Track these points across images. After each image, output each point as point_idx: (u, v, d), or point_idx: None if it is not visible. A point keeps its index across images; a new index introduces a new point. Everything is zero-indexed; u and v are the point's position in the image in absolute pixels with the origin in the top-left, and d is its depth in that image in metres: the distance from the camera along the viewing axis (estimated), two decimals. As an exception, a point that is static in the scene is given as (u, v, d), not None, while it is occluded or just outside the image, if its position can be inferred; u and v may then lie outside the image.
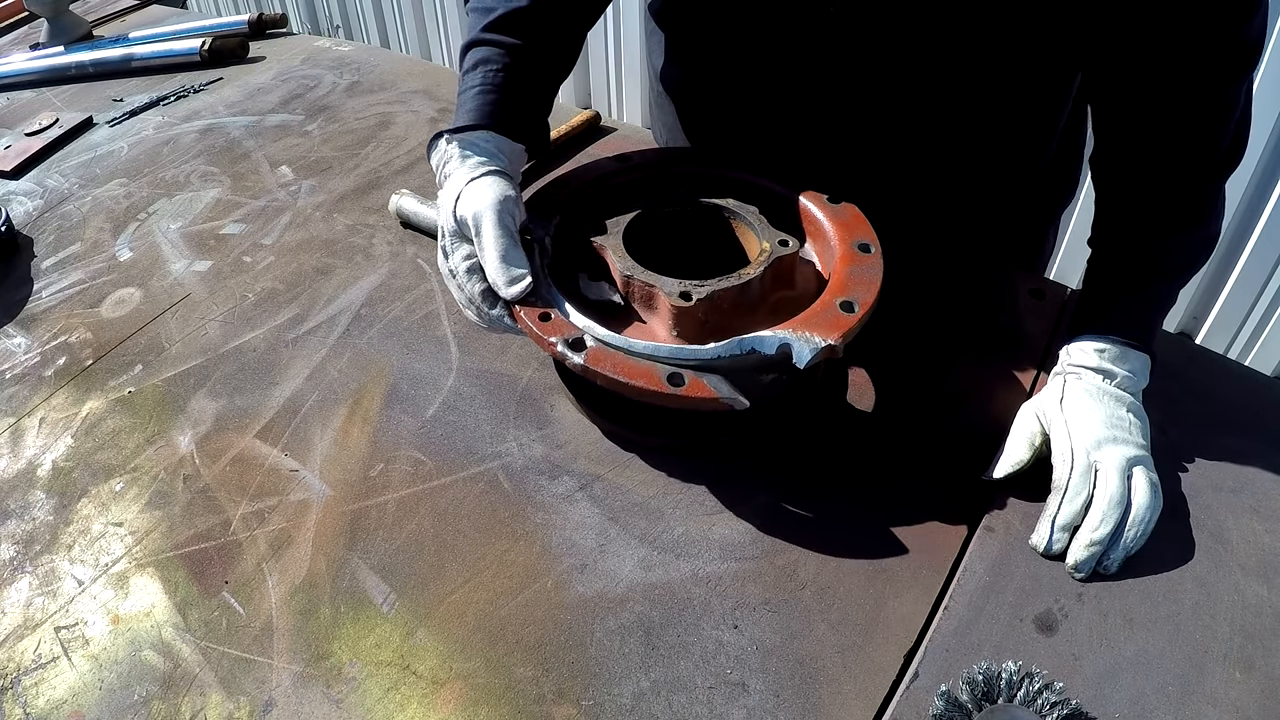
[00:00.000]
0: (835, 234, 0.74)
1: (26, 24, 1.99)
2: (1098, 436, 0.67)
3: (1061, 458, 0.68)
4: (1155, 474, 0.67)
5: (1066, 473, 0.67)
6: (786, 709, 0.58)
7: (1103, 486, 0.65)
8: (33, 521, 0.77)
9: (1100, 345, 0.73)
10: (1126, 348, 0.72)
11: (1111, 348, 0.72)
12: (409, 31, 3.28)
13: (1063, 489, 0.66)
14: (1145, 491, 0.65)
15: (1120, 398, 0.71)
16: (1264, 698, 0.57)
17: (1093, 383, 0.71)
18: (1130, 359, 0.72)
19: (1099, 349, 0.73)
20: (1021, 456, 0.70)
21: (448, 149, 0.74)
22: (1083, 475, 0.66)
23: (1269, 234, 1.76)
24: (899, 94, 0.80)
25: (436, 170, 0.75)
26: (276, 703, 0.61)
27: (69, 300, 1.03)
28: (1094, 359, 0.72)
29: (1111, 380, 0.71)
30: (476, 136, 0.74)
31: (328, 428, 0.82)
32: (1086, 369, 0.72)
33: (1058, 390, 0.72)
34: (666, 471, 0.75)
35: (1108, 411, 0.69)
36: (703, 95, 0.97)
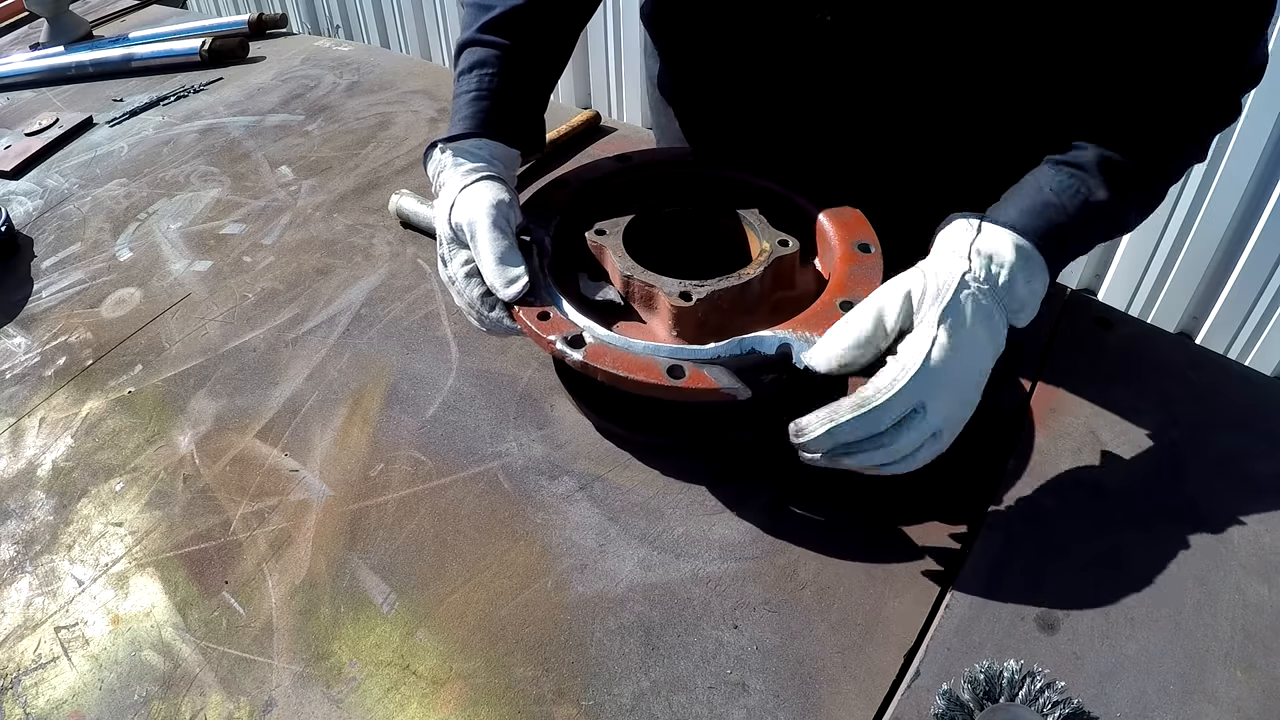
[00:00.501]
0: (835, 234, 0.75)
1: (26, 24, 1.98)
2: (948, 378, 0.58)
3: (895, 374, 0.57)
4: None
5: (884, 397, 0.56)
6: (786, 709, 0.58)
7: (906, 440, 0.57)
8: (33, 521, 0.77)
9: (1023, 243, 0.61)
10: (1044, 268, 0.62)
11: (1034, 257, 0.62)
12: (409, 31, 3.28)
13: (865, 408, 0.56)
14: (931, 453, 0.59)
15: (998, 331, 0.60)
16: (1265, 697, 0.57)
17: (987, 300, 0.60)
18: (1038, 282, 0.62)
19: (1021, 247, 0.61)
20: (853, 359, 0.60)
21: (442, 158, 0.74)
22: (899, 410, 0.57)
23: (1269, 234, 1.76)
24: (892, 99, 0.80)
25: (433, 179, 0.76)
26: (276, 703, 0.61)
27: (69, 300, 1.03)
28: (1009, 255, 0.61)
29: (1011, 297, 0.61)
30: (470, 144, 0.74)
31: (328, 428, 0.81)
32: (995, 270, 0.61)
33: (947, 289, 0.59)
34: (666, 471, 0.75)
35: (981, 350, 0.59)
36: (698, 101, 0.97)
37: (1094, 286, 2.18)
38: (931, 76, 0.77)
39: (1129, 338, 0.85)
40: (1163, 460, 0.72)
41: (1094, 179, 0.65)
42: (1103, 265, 2.13)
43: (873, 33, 0.74)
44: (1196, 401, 0.78)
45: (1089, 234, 0.67)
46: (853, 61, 0.77)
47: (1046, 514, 0.69)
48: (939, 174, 0.86)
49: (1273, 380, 1.10)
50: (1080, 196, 0.64)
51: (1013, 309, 0.62)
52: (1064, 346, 0.83)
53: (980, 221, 0.64)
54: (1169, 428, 0.75)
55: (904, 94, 0.79)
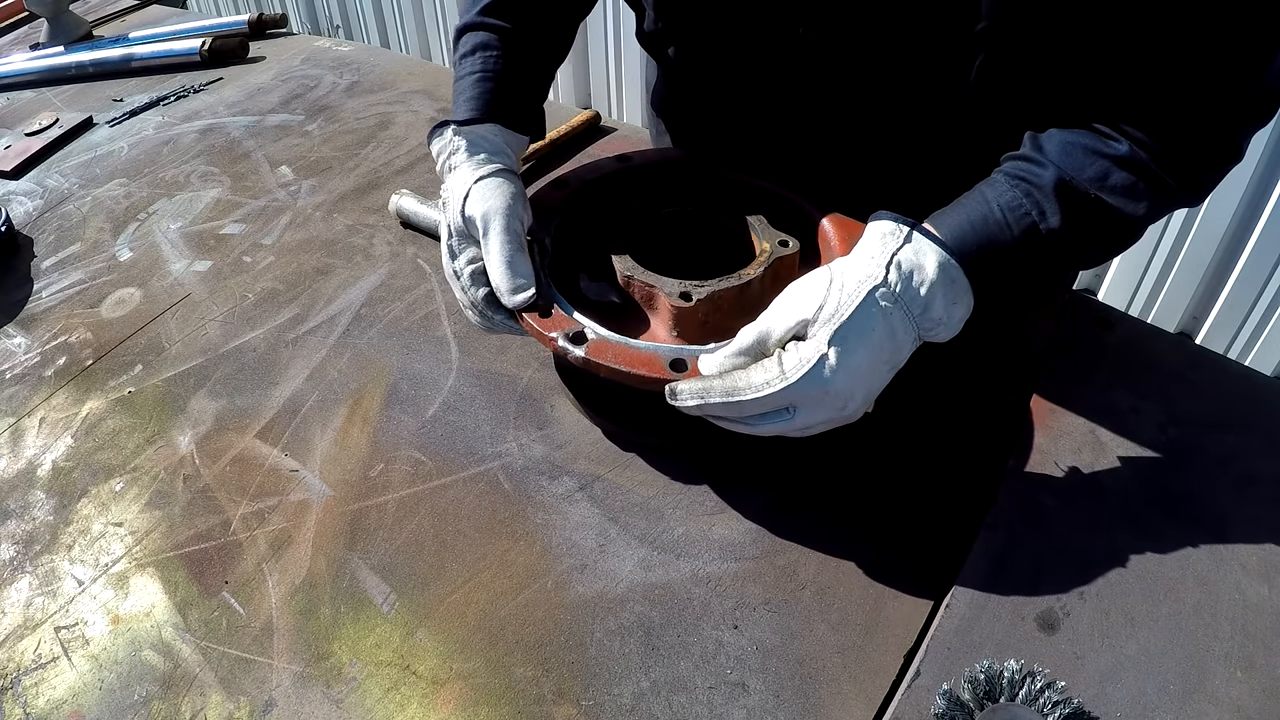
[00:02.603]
0: (835, 235, 0.75)
1: (26, 24, 1.99)
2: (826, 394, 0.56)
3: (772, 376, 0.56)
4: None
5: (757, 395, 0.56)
6: (786, 709, 0.58)
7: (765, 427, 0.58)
8: (33, 521, 0.77)
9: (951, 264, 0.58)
10: (969, 293, 0.58)
11: (960, 280, 0.58)
12: (409, 31, 3.28)
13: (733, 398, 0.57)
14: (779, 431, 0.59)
15: (900, 349, 0.58)
16: (1265, 697, 0.57)
17: (899, 320, 0.57)
18: (961, 306, 0.59)
19: (947, 267, 0.57)
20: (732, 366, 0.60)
21: (455, 140, 0.73)
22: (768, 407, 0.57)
23: (1269, 234, 1.76)
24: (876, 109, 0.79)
25: (439, 160, 0.75)
26: (276, 703, 0.61)
27: (69, 300, 1.03)
28: (931, 273, 0.57)
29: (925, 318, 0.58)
30: (484, 130, 0.74)
31: (328, 428, 0.81)
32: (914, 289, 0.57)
33: (849, 304, 0.56)
34: (666, 471, 0.75)
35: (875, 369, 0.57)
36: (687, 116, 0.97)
37: (1094, 286, 2.18)
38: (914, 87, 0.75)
39: (1129, 338, 0.85)
40: (1163, 460, 0.72)
41: (1049, 203, 0.60)
42: (1103, 265, 2.13)
43: (851, 46, 0.73)
44: (1196, 401, 0.78)
45: (1033, 262, 0.61)
46: (833, 74, 0.76)
47: (1046, 514, 0.69)
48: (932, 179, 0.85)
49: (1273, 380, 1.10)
50: (1028, 220, 0.60)
51: (925, 327, 0.59)
52: (1064, 346, 0.83)
53: (909, 230, 0.59)
54: (1169, 428, 0.75)
55: (887, 104, 0.78)
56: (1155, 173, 0.60)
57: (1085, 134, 0.62)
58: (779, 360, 0.57)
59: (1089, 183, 0.60)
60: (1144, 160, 0.60)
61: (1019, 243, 0.59)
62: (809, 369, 0.56)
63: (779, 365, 0.57)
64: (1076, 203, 0.60)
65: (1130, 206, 0.60)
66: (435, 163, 0.75)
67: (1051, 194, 0.60)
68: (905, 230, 0.60)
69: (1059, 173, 0.60)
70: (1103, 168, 0.60)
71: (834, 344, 0.56)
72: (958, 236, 0.60)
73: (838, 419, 0.59)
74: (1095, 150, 0.61)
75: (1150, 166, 0.60)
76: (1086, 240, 0.62)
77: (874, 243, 0.60)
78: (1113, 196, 0.60)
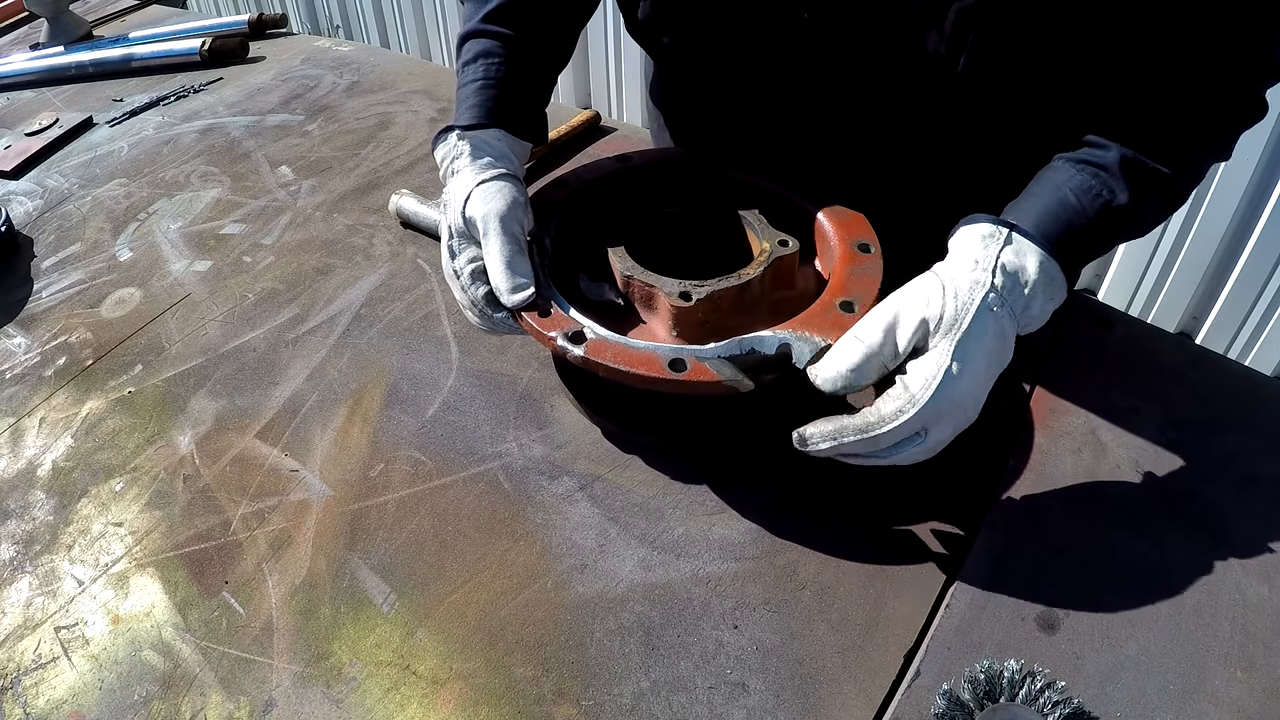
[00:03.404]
0: (835, 234, 0.74)
1: (26, 24, 1.99)
2: (954, 408, 0.57)
3: (902, 403, 0.57)
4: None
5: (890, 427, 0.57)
6: (786, 709, 0.58)
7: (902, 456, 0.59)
8: (33, 521, 0.77)
9: (1045, 260, 0.60)
10: (1064, 281, 0.62)
11: (1057, 275, 0.61)
12: (409, 31, 3.28)
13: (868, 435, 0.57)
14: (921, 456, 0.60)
15: (1008, 348, 0.60)
16: (1265, 697, 0.57)
17: (1006, 321, 0.59)
18: (1058, 295, 0.62)
19: (1045, 265, 0.60)
20: (859, 380, 0.59)
21: (458, 145, 0.73)
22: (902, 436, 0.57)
23: (1269, 234, 1.76)
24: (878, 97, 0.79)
25: (442, 164, 0.75)
26: (276, 703, 0.61)
27: (69, 300, 1.03)
28: (1033, 276, 0.60)
29: (1028, 317, 0.60)
30: (487, 135, 0.74)
31: (328, 428, 0.81)
32: (1019, 290, 0.60)
33: (966, 310, 0.58)
34: (666, 471, 0.75)
35: (991, 371, 0.59)
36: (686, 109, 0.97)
37: (1094, 286, 2.18)
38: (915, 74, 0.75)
39: (1129, 338, 0.85)
40: (1163, 460, 0.72)
41: (1117, 181, 0.63)
42: (1103, 265, 2.13)
43: (851, 30, 0.73)
44: (1196, 401, 0.78)
45: (1108, 238, 0.65)
46: (834, 59, 0.76)
47: (1046, 513, 0.69)
48: (934, 171, 0.85)
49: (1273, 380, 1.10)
50: (1102, 200, 0.62)
51: (1024, 323, 0.61)
52: (1064, 346, 0.83)
53: (1009, 230, 0.62)
54: (1169, 428, 0.75)
55: (889, 91, 0.78)
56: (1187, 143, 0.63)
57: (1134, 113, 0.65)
58: (904, 385, 0.58)
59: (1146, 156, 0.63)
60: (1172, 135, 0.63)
61: (1095, 223, 0.63)
62: (937, 385, 0.57)
63: (905, 390, 0.58)
64: (1140, 176, 0.63)
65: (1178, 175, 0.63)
66: (439, 168, 0.75)
67: (1119, 172, 0.63)
68: (1005, 231, 0.62)
69: (1121, 151, 0.63)
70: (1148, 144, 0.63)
71: (955, 356, 0.57)
72: (1045, 230, 0.62)
73: (962, 427, 0.60)
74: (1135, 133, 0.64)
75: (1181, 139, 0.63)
76: (1149, 209, 0.65)
77: (975, 246, 0.61)
78: (1164, 166, 0.63)
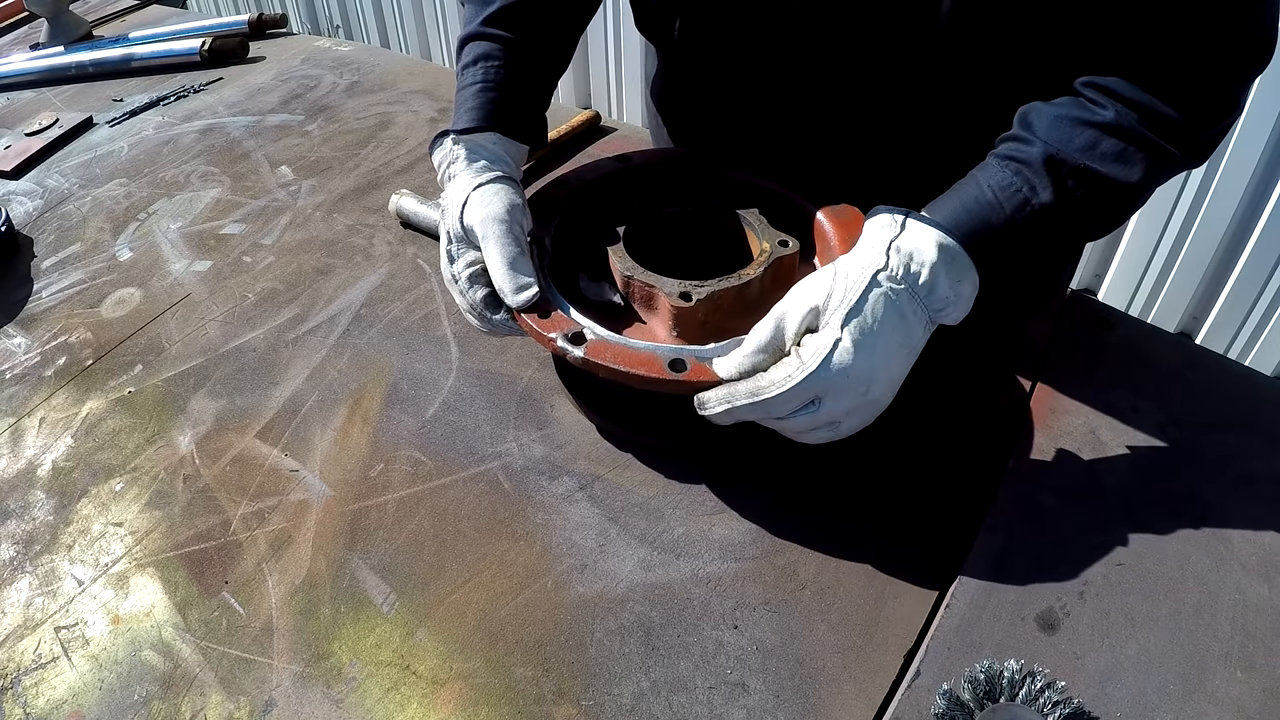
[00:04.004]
0: (835, 234, 0.74)
1: (26, 24, 1.99)
2: (846, 380, 0.57)
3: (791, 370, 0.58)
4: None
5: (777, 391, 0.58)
6: (786, 709, 0.58)
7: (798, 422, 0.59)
8: (33, 521, 0.77)
9: (948, 242, 0.59)
10: (972, 269, 0.60)
11: (960, 256, 0.59)
12: (409, 31, 3.28)
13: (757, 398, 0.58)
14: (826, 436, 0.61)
15: (914, 334, 0.59)
16: (1265, 697, 0.57)
17: (904, 301, 0.58)
18: (966, 283, 0.60)
19: (944, 244, 0.59)
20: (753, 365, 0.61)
21: (454, 149, 0.73)
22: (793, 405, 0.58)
23: (1269, 234, 1.76)
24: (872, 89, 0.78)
25: (439, 169, 0.75)
26: (276, 703, 0.61)
27: (69, 300, 1.03)
28: (931, 254, 0.58)
29: (932, 299, 0.59)
30: (483, 139, 0.74)
31: (328, 428, 0.81)
32: (916, 269, 0.58)
33: (854, 290, 0.58)
34: (666, 472, 0.75)
35: (892, 354, 0.58)
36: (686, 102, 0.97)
37: (1094, 286, 2.18)
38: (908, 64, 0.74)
39: (1129, 338, 0.85)
40: (1163, 460, 0.72)
41: (1039, 178, 0.61)
42: (1103, 265, 2.13)
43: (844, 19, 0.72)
44: (1196, 401, 0.78)
45: (1031, 237, 0.62)
46: (827, 50, 0.76)
47: (1046, 514, 0.69)
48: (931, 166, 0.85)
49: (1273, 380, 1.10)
50: (1019, 196, 0.61)
51: (935, 308, 0.60)
52: (1064, 346, 0.83)
53: (904, 218, 0.61)
54: (1169, 428, 0.75)
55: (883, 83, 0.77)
56: (1147, 136, 0.60)
57: (1073, 104, 0.63)
58: (797, 354, 0.59)
59: (1078, 153, 0.61)
60: (1133, 124, 0.60)
61: (1012, 220, 0.61)
62: (825, 354, 0.57)
63: (798, 358, 0.59)
64: (1066, 175, 0.61)
65: (1123, 173, 0.61)
66: (436, 172, 0.75)
67: (1041, 169, 0.61)
68: (900, 218, 0.61)
69: (1046, 148, 0.61)
70: (1091, 137, 0.61)
71: (845, 325, 0.57)
72: (952, 218, 0.61)
73: (864, 406, 0.60)
74: (1082, 120, 0.61)
75: (1140, 130, 0.60)
76: (1083, 211, 0.62)
77: (872, 233, 0.62)
78: (1104, 164, 0.60)
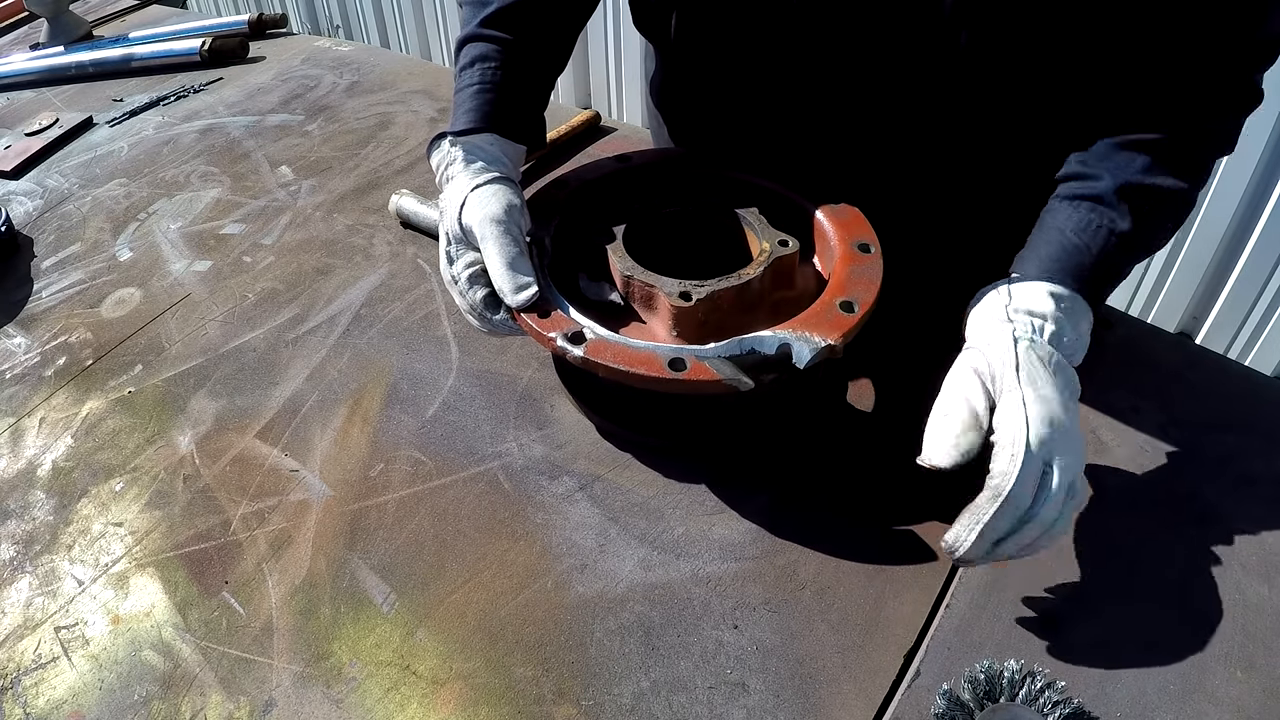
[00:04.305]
0: (835, 234, 0.74)
1: (26, 24, 1.99)
2: (1056, 429, 0.56)
3: (1010, 450, 0.55)
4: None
5: (1013, 472, 0.54)
6: (786, 709, 0.58)
7: (1051, 504, 0.55)
8: (33, 521, 0.77)
9: (1057, 290, 0.63)
10: (1083, 301, 0.63)
11: (1069, 297, 0.62)
12: (409, 31, 3.28)
13: (1002, 494, 0.54)
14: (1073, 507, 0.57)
15: (1070, 375, 0.61)
16: (1265, 697, 0.57)
17: (1046, 350, 0.60)
18: (1082, 318, 0.63)
19: (1055, 293, 0.62)
20: (972, 443, 0.58)
21: (451, 151, 0.73)
22: (1029, 480, 0.55)
23: (1269, 234, 1.76)
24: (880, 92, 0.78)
25: (437, 172, 0.75)
26: (276, 703, 0.61)
27: (69, 300, 1.03)
28: (1047, 305, 0.62)
29: (1060, 342, 0.61)
30: (480, 140, 0.74)
31: (328, 428, 0.81)
32: (1035, 318, 0.62)
33: (1007, 351, 0.60)
34: (666, 471, 0.75)
35: (1066, 395, 0.59)
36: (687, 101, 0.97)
37: (1094, 286, 2.17)
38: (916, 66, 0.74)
39: (1129, 338, 0.85)
40: (1163, 460, 0.72)
41: (1115, 209, 0.64)
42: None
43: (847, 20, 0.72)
44: (1196, 401, 0.78)
45: (1121, 264, 0.66)
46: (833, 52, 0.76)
47: (1046, 514, 0.69)
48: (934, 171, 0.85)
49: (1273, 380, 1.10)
50: (1103, 232, 0.64)
51: (1065, 353, 0.62)
52: (1064, 346, 0.83)
53: (1006, 285, 0.65)
54: (1169, 428, 0.75)
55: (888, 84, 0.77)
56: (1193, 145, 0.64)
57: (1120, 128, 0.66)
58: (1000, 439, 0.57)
59: (1142, 174, 0.64)
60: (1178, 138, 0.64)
61: (1102, 253, 0.64)
62: (1024, 409, 0.57)
63: (1004, 434, 0.56)
64: (1138, 199, 0.64)
65: (1183, 182, 0.64)
66: (435, 175, 0.75)
67: (1115, 199, 0.64)
68: (1004, 287, 0.65)
69: (1114, 179, 0.65)
70: (1148, 159, 0.64)
71: (1021, 380, 0.58)
72: (1047, 270, 0.64)
73: (1081, 456, 0.58)
74: (1135, 144, 0.65)
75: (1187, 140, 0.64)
76: (1157, 225, 0.66)
77: (987, 309, 0.65)
78: (1166, 179, 0.64)
